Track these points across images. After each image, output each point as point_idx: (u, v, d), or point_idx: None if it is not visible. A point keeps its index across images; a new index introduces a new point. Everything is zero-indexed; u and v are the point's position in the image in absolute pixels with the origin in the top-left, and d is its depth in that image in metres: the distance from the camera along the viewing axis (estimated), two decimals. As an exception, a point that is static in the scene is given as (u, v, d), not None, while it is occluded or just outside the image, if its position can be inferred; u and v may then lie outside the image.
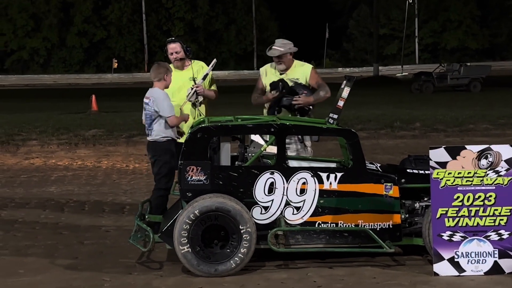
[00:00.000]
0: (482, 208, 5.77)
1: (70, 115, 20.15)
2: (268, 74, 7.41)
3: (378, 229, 6.06)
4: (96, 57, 62.61)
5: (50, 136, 14.80)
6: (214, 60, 7.47)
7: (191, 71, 7.41)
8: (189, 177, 5.93)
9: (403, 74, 48.05)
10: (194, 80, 7.34)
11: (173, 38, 7.55)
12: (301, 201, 6.02)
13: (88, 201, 9.04)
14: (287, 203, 6.02)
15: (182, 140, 6.71)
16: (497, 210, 5.77)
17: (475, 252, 5.78)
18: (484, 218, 5.77)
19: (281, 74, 7.29)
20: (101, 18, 62.28)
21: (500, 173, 5.76)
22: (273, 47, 7.31)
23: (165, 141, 6.59)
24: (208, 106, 7.54)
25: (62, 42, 62.00)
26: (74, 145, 14.24)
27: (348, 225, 6.06)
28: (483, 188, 5.77)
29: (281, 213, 6.02)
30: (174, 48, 7.41)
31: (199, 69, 7.50)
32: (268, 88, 7.30)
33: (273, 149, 6.34)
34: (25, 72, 59.70)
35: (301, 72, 7.28)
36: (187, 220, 5.77)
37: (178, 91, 7.28)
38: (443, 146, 5.85)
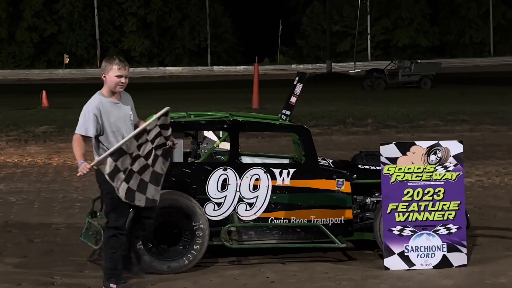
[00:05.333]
0: (431, 203, 5.88)
1: (19, 111, 19.77)
2: None
3: (330, 224, 6.12)
4: (47, 52, 61.50)
5: (-1, 133, 14.51)
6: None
7: None
8: (141, 174, 5.87)
9: (356, 71, 48.54)
10: None
11: None
12: (254, 197, 6.04)
13: (38, 199, 8.89)
14: (240, 199, 6.03)
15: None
16: (445, 204, 5.88)
17: (425, 246, 5.88)
18: (433, 213, 5.88)
19: None
20: (51, 13, 61.15)
21: (449, 169, 5.87)
22: None
23: None
24: (163, 102, 7.48)
25: (12, 36, 60.69)
26: (24, 142, 13.99)
27: (301, 221, 6.10)
28: (432, 183, 5.87)
29: (234, 209, 6.03)
30: None
31: None
32: None
33: (226, 146, 6.35)
34: (-27, 67, 58.31)
35: None
36: (139, 217, 5.72)
37: None
38: (394, 142, 5.93)
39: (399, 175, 5.85)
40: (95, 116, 5.26)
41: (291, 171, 6.11)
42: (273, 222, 6.07)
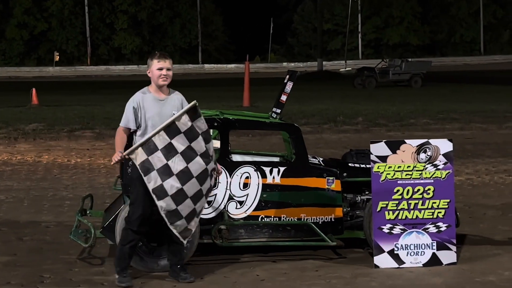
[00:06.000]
0: (421, 201, 5.89)
1: (9, 109, 19.67)
2: None
3: (320, 222, 6.13)
4: (37, 49, 61.24)
5: (-12, 130, 14.44)
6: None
7: None
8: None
9: (347, 69, 48.59)
10: None
11: None
12: (244, 195, 6.04)
13: (28, 197, 8.86)
14: (230, 197, 6.03)
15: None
16: (435, 203, 5.90)
17: (414, 244, 5.89)
18: (423, 211, 5.89)
19: None
20: (42, 10, 60.89)
21: (438, 167, 5.89)
22: None
23: None
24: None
25: (1, 34, 60.39)
26: (13, 140, 13.93)
27: (291, 219, 6.11)
28: (422, 181, 5.89)
29: (224, 207, 6.03)
30: None
31: None
32: None
33: (216, 144, 6.34)
34: (-38, 64, 57.96)
35: None
36: (129, 215, 5.70)
37: None
38: (384, 141, 5.94)
39: (389, 173, 5.86)
40: (134, 109, 5.41)
41: (282, 169, 6.11)
42: (263, 220, 6.07)
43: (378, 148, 5.87)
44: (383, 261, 5.86)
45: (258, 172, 6.06)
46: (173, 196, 5.19)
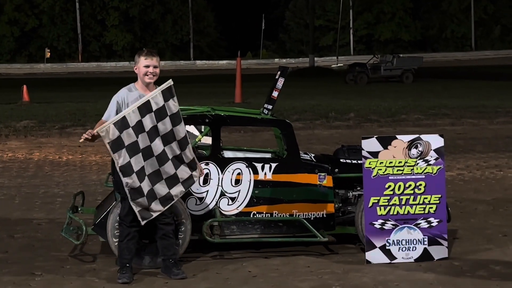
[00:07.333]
0: (412, 197, 5.91)
1: (0, 106, 19.58)
2: None
3: (312, 218, 6.14)
4: (28, 46, 60.98)
5: (-21, 128, 14.37)
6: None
7: None
8: (123, 169, 5.85)
9: (338, 65, 48.61)
10: None
11: None
12: (236, 191, 6.04)
13: (19, 194, 8.83)
14: (222, 194, 6.03)
15: None
16: (426, 198, 5.92)
17: (406, 240, 5.91)
18: (414, 206, 5.91)
19: None
20: (32, 7, 60.61)
21: (430, 162, 5.91)
22: None
23: None
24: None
25: (-8, 30, 60.12)
26: (4, 137, 13.88)
27: (283, 215, 6.11)
28: (413, 177, 5.90)
29: (216, 203, 6.03)
30: None
31: None
32: None
33: (208, 140, 6.34)
34: (-47, 61, 57.61)
35: None
36: (120, 212, 5.70)
37: None
38: (375, 136, 5.95)
39: (381, 169, 5.87)
40: (118, 104, 5.47)
41: (273, 165, 6.11)
42: (255, 216, 6.08)
43: (370, 144, 5.88)
44: (375, 256, 5.88)
45: (249, 168, 6.06)
46: (137, 172, 5.32)
